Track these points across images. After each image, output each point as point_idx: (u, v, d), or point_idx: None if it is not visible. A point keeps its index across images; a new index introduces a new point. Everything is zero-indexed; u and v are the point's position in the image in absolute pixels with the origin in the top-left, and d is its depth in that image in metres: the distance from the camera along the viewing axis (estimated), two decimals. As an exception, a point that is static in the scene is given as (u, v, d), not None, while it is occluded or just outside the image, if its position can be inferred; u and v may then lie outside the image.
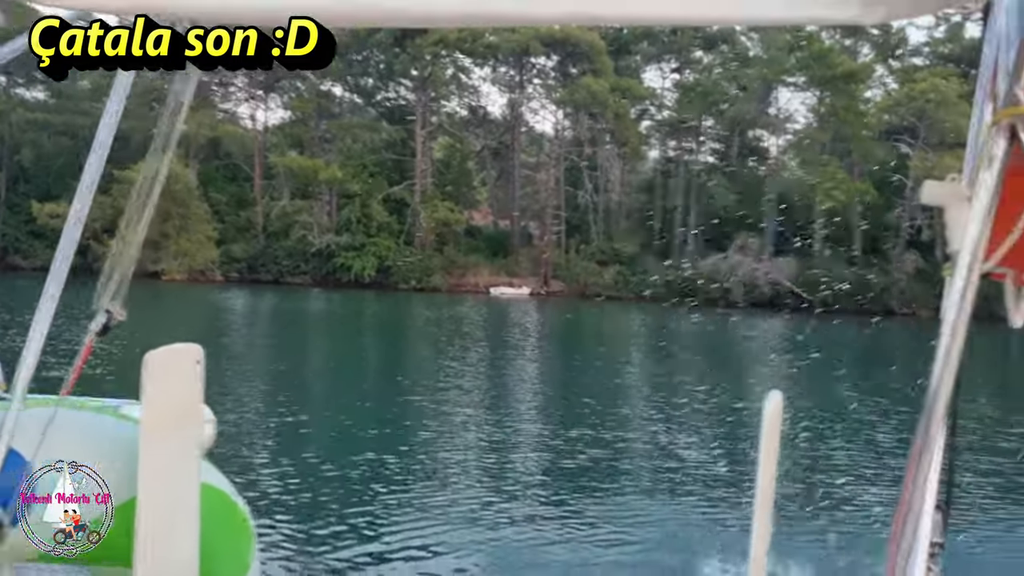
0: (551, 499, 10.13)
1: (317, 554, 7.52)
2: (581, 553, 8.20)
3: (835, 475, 11.73)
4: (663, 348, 31.75)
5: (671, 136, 68.28)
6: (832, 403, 18.92)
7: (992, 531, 9.07)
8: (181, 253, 54.93)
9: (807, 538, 8.47)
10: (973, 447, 13.82)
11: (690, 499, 10.48)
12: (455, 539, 8.17)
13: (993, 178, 1.02)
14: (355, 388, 18.36)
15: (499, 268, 61.96)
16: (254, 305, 40.30)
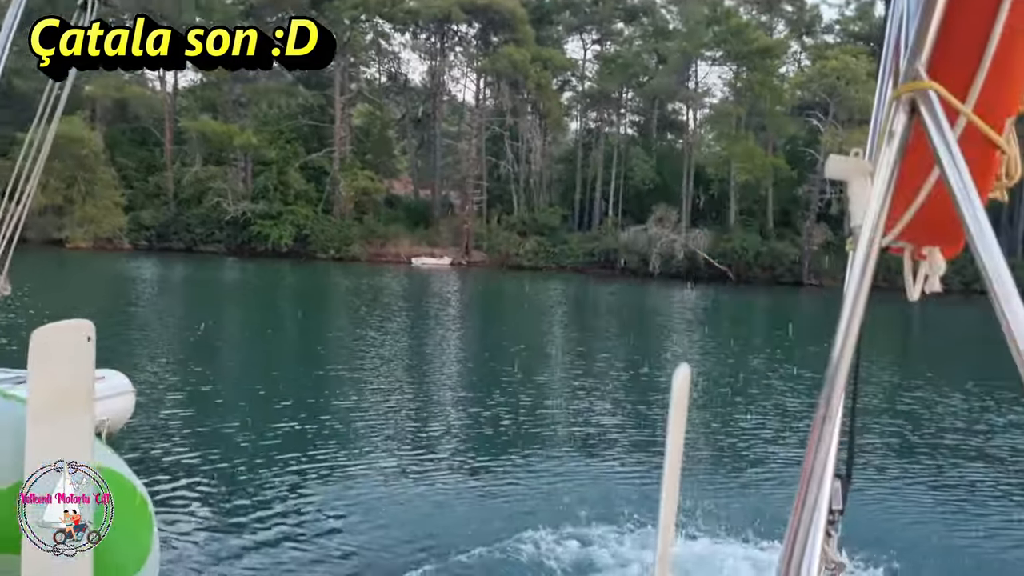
0: (469, 462, 10.17)
1: (231, 526, 7.33)
2: (498, 511, 8.26)
3: (744, 439, 12.09)
4: (581, 317, 32.15)
5: (592, 107, 68.74)
6: (742, 369, 19.49)
7: (890, 491, 9.50)
8: (86, 220, 52.63)
9: (715, 502, 8.73)
10: (874, 411, 14.47)
11: (602, 459, 10.67)
12: (373, 504, 8.11)
13: (893, 153, 1.03)
14: (271, 358, 18.00)
15: (420, 238, 61.55)
16: (165, 274, 38.99)
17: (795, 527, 0.95)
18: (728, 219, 59.56)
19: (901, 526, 8.30)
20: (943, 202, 1.01)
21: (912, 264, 1.40)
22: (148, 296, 29.26)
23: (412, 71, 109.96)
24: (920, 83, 1.01)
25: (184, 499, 7.94)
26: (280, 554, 6.86)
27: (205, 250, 56.05)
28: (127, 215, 55.31)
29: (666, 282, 51.62)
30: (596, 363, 19.28)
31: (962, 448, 12.42)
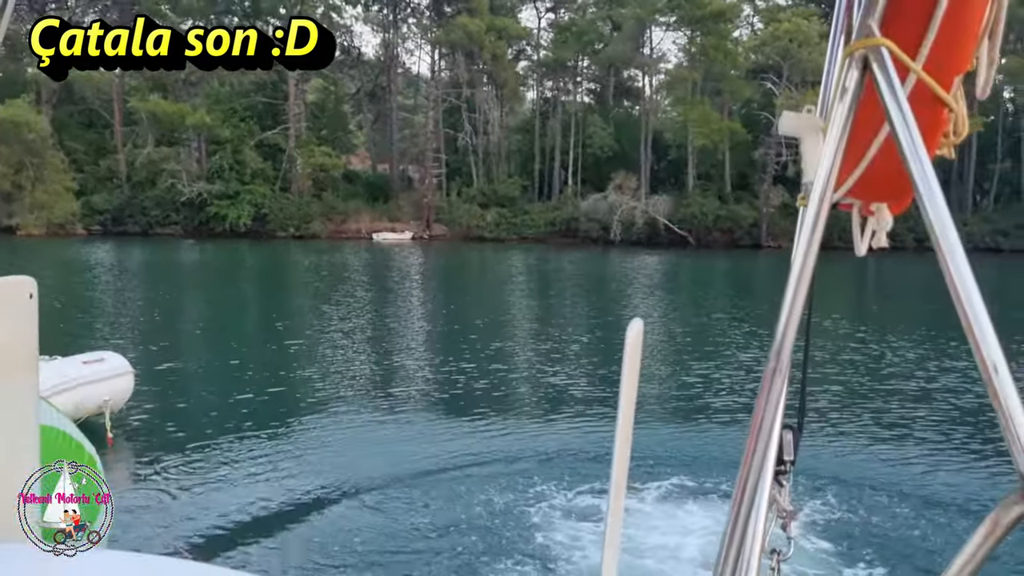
0: (432, 425, 10.33)
1: (194, 495, 7.40)
2: (463, 470, 8.44)
3: (699, 393, 12.39)
4: (544, 286, 32.36)
5: (548, 76, 68.51)
6: (701, 328, 19.87)
7: (838, 440, 9.83)
8: (37, 206, 51.43)
9: (669, 454, 9.00)
10: (823, 361, 14.90)
11: (564, 417, 10.91)
12: (339, 467, 8.22)
13: (845, 109, 1.04)
14: (233, 335, 17.92)
15: (380, 213, 61.17)
16: (121, 258, 38.36)
17: (744, 477, 0.96)
18: (687, 184, 60.02)
19: (848, 469, 8.62)
20: (892, 159, 1.02)
21: (860, 220, 1.45)
22: (107, 281, 28.85)
23: (365, 44, 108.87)
24: (872, 40, 1.02)
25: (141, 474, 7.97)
26: (255, 512, 6.96)
27: (162, 233, 55.19)
28: (79, 200, 54.15)
29: (627, 249, 52.01)
30: (557, 328, 19.51)
31: (904, 391, 12.90)
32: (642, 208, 56.95)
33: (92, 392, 8.69)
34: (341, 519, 7.00)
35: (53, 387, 8.52)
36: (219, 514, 7.03)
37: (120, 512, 7.10)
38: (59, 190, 52.61)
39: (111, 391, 8.79)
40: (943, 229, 0.88)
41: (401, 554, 6.38)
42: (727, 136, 57.27)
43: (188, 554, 6.03)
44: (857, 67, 1.04)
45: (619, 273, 37.39)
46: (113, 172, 57.73)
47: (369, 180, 66.77)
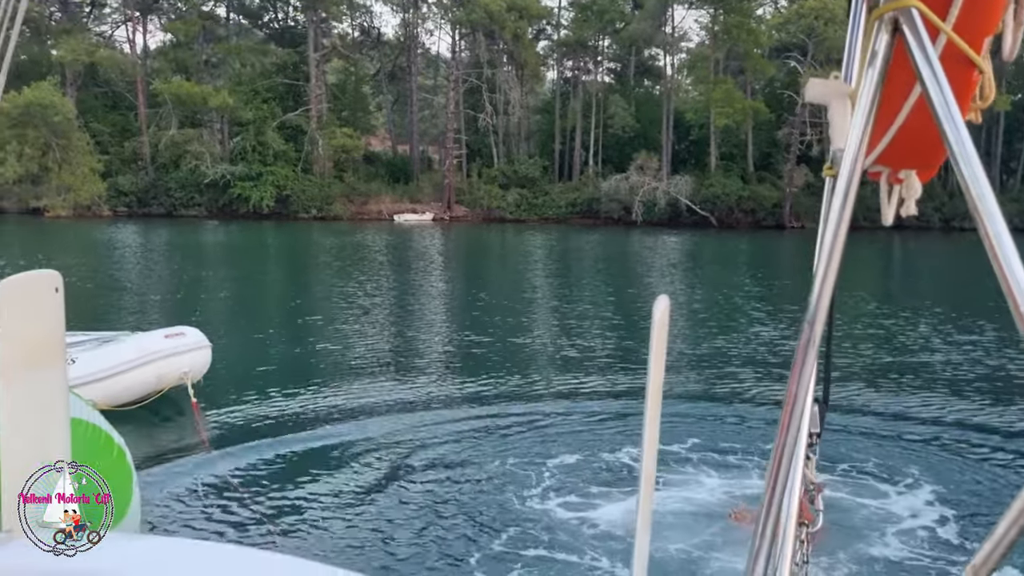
0: (456, 394, 10.50)
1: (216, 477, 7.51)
2: (489, 436, 8.60)
3: (729, 371, 12.44)
4: (565, 266, 32.40)
5: (568, 56, 68.11)
6: (724, 306, 19.86)
7: (864, 415, 9.86)
8: (64, 188, 51.97)
9: (702, 427, 9.10)
10: (850, 337, 14.91)
11: (588, 389, 11.06)
12: (397, 445, 8.36)
13: (876, 73, 1.03)
14: (259, 312, 18.15)
15: (401, 194, 61.31)
16: (148, 239, 38.77)
17: (780, 449, 0.96)
18: (709, 164, 59.65)
19: (874, 444, 8.67)
20: (922, 123, 1.02)
21: (888, 188, 1.43)
22: (133, 260, 29.21)
23: (385, 24, 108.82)
24: (902, 1, 1.01)
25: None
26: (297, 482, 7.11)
27: (186, 214, 55.63)
28: (105, 182, 54.67)
29: (649, 230, 51.85)
30: (580, 306, 19.57)
31: (929, 367, 12.91)
32: (664, 189, 56.71)
33: (173, 364, 9.02)
34: (399, 498, 7.12)
35: (136, 359, 8.84)
36: (279, 491, 7.18)
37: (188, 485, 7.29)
38: (85, 172, 53.12)
39: (190, 363, 9.17)
40: (980, 193, 0.85)
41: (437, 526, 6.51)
42: (750, 115, 56.82)
43: (274, 538, 6.16)
44: (887, 30, 1.03)
45: (641, 253, 37.34)
46: (138, 154, 58.21)
47: (389, 161, 66.89)
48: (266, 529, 6.28)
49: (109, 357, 8.83)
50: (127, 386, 8.75)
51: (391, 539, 6.20)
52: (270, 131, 57.63)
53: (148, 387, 8.94)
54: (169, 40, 64.44)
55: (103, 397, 8.47)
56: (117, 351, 8.94)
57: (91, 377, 8.43)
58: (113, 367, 8.70)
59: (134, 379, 8.79)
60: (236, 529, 6.28)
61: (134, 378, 8.79)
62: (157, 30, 66.74)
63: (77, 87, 57.95)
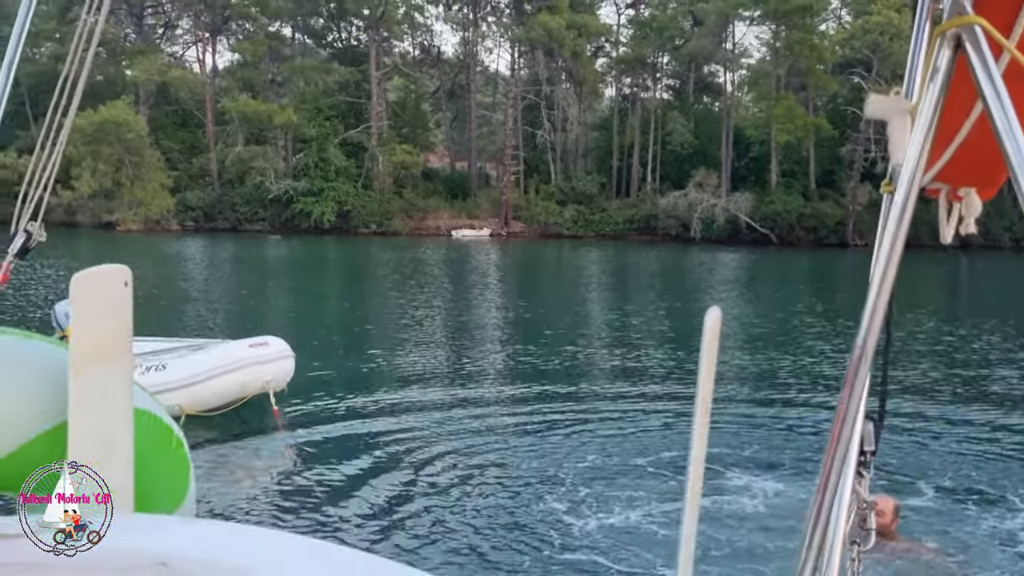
0: (518, 402, 10.61)
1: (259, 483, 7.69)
2: (542, 442, 8.68)
3: (781, 388, 12.27)
4: (622, 282, 32.29)
5: (627, 73, 68.07)
6: (783, 323, 19.57)
7: (920, 436, 9.64)
8: (136, 202, 53.81)
9: (754, 444, 9.04)
10: (911, 354, 14.60)
11: (644, 401, 11.07)
12: (467, 456, 8.47)
13: (937, 90, 1.02)
14: (325, 323, 18.51)
15: (459, 210, 61.85)
16: (214, 252, 39.90)
17: (828, 465, 0.96)
18: (769, 181, 58.85)
19: (930, 464, 8.47)
20: (983, 141, 1.01)
21: (947, 206, 1.41)
22: (206, 272, 30.10)
23: (444, 43, 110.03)
24: (966, 18, 1.00)
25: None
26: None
27: (250, 229, 56.98)
28: (174, 196, 56.42)
29: (708, 247, 51.35)
30: (637, 320, 19.52)
31: (994, 391, 12.52)
32: (723, 205, 56.12)
33: (256, 372, 9.32)
34: (460, 503, 7.23)
35: (220, 367, 9.19)
36: (352, 493, 7.35)
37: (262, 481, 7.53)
38: (156, 187, 54.89)
39: (273, 372, 9.47)
40: None
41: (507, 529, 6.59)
42: (812, 132, 55.94)
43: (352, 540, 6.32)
44: (949, 46, 1.02)
45: (700, 270, 37.02)
46: (205, 170, 59.93)
47: (447, 178, 67.60)
48: (334, 527, 6.44)
49: (196, 364, 9.22)
50: (212, 392, 9.09)
51: (451, 539, 6.30)
52: (332, 148, 58.80)
53: (232, 394, 9.26)
54: (237, 60, 66.40)
55: (189, 402, 8.88)
56: (204, 358, 9.32)
57: (179, 383, 8.85)
58: (199, 374, 9.06)
59: (218, 386, 9.12)
60: (311, 525, 6.45)
61: (218, 385, 9.12)
62: (225, 50, 68.79)
63: (149, 105, 60.00)
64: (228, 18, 65.31)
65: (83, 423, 2.37)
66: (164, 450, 2.84)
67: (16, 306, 18.19)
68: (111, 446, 2.43)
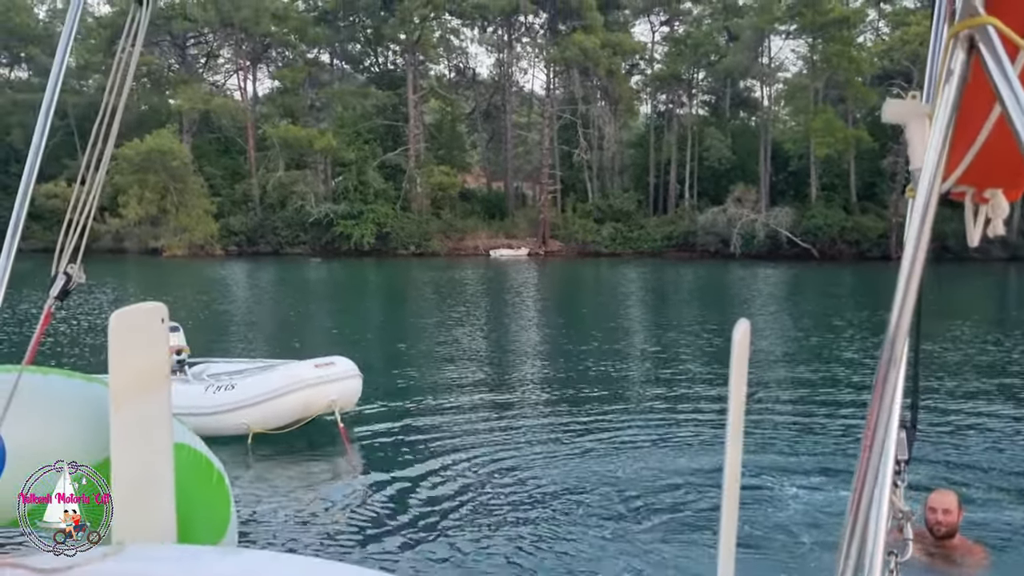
0: (560, 415, 10.67)
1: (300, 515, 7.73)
2: (582, 459, 8.70)
3: (817, 400, 12.14)
4: (665, 298, 32.12)
5: (662, 90, 68.04)
6: (826, 338, 19.31)
7: (953, 442, 9.48)
8: (180, 228, 54.98)
9: (786, 454, 8.99)
10: (940, 365, 14.37)
11: (683, 414, 11.08)
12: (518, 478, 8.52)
13: (952, 92, 1.01)
14: (373, 343, 18.69)
15: (496, 230, 62.13)
16: (258, 276, 40.54)
17: (861, 475, 0.95)
18: (809, 195, 58.23)
19: (966, 471, 8.32)
20: (1005, 141, 1.00)
21: (973, 208, 1.39)
22: (252, 295, 30.59)
23: (480, 64, 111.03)
24: (978, 18, 0.99)
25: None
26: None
27: (292, 252, 57.82)
28: (217, 222, 57.51)
29: (748, 262, 50.88)
30: (677, 336, 19.42)
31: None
32: (763, 221, 55.62)
33: (321, 392, 9.42)
34: (502, 527, 7.26)
35: (285, 387, 9.33)
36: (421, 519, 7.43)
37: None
38: (200, 213, 56.03)
39: (338, 392, 9.59)
40: None
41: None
42: (852, 145, 55.31)
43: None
44: (963, 47, 1.01)
45: (741, 286, 36.69)
46: (247, 195, 61.02)
47: (484, 198, 68.00)
48: (387, 554, 6.49)
49: (263, 384, 9.39)
50: (277, 411, 9.24)
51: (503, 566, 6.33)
52: (371, 170, 59.53)
53: (296, 413, 9.37)
54: (277, 87, 67.68)
55: (256, 420, 9.07)
56: (270, 378, 9.48)
57: (245, 402, 9.09)
58: (265, 393, 9.23)
59: (282, 405, 9.25)
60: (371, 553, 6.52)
61: (282, 404, 9.25)
62: (266, 78, 70.17)
63: (192, 133, 61.38)
64: (268, 46, 66.65)
65: (125, 459, 2.40)
66: (205, 484, 2.89)
67: (63, 334, 18.64)
68: (153, 481, 2.48)
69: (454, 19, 65.95)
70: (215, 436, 7.19)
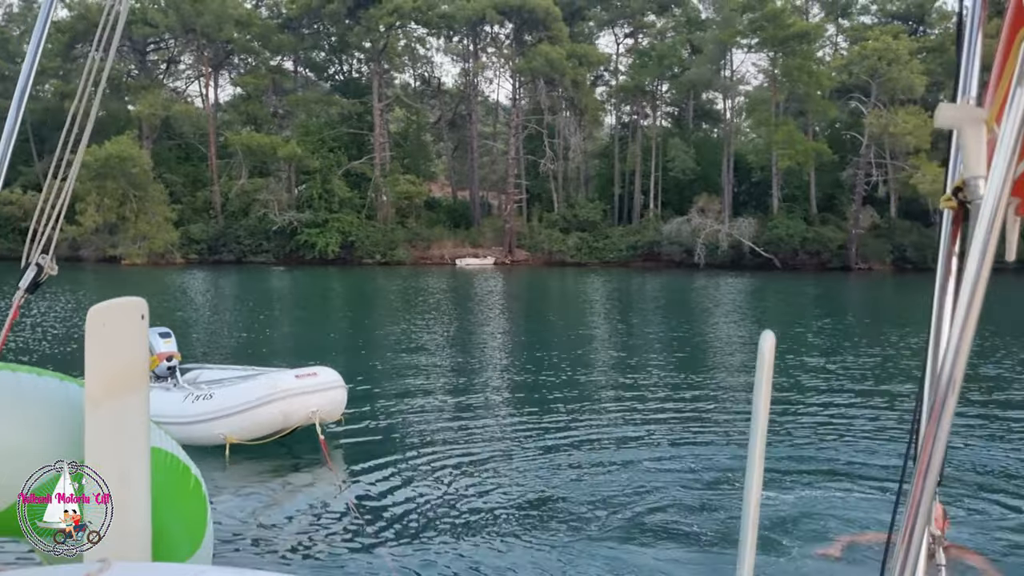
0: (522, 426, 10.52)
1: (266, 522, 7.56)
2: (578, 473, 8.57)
3: (785, 405, 12.21)
4: (629, 308, 32.25)
5: (626, 101, 68.63)
6: (791, 348, 19.52)
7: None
8: (140, 236, 53.96)
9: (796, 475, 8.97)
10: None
11: (646, 423, 11.07)
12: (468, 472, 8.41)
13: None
14: (337, 352, 18.46)
15: (463, 239, 62.05)
16: (220, 285, 39.92)
17: (915, 502, 0.90)
18: (771, 206, 59.11)
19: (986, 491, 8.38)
20: None
21: (1016, 219, 1.33)
22: (211, 304, 30.05)
23: (445, 74, 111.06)
24: None
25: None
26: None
27: (255, 261, 57.09)
28: (178, 230, 56.59)
29: (712, 272, 51.39)
30: (643, 346, 19.47)
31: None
32: (726, 231, 56.27)
33: (301, 403, 9.17)
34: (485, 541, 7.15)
35: (264, 397, 9.06)
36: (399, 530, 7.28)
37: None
38: (160, 221, 55.07)
39: (320, 402, 9.35)
40: None
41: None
42: (813, 157, 56.27)
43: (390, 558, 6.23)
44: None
45: (705, 296, 36.99)
46: (209, 203, 60.19)
47: (450, 207, 67.91)
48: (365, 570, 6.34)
49: (240, 394, 9.13)
50: (255, 422, 9.00)
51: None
52: (336, 179, 59.11)
53: (275, 424, 9.13)
54: (239, 93, 66.91)
55: (233, 431, 8.82)
56: (249, 388, 9.21)
57: (222, 412, 8.87)
58: (242, 404, 8.99)
59: (261, 416, 9.01)
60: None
61: (261, 415, 9.01)
62: (228, 84, 69.35)
63: (153, 140, 60.41)
64: (230, 52, 65.92)
65: (100, 463, 2.28)
66: (182, 491, 2.76)
67: (27, 341, 18.16)
68: (128, 487, 2.34)
69: (420, 28, 65.89)
70: (192, 446, 6.98)
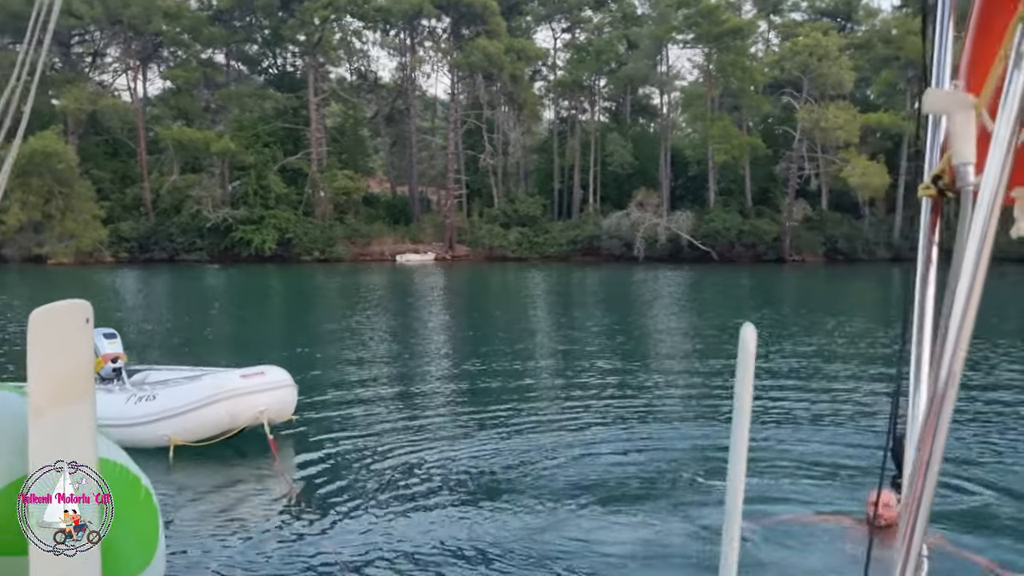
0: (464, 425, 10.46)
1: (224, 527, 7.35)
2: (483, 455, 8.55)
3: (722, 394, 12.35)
4: (568, 303, 32.39)
5: (564, 96, 68.92)
6: (728, 339, 19.81)
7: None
8: (66, 235, 52.09)
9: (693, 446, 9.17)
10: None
11: (587, 413, 11.13)
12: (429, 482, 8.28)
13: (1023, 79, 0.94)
14: (277, 352, 18.05)
15: (403, 235, 61.59)
16: (153, 283, 38.78)
17: (916, 500, 0.88)
18: (708, 200, 60.08)
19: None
20: None
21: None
22: (141, 305, 29.16)
23: (382, 68, 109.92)
24: None
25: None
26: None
27: (188, 259, 55.68)
28: (106, 228, 54.81)
29: (651, 265, 51.99)
30: (585, 340, 19.56)
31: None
32: (664, 225, 57.00)
33: (247, 403, 8.94)
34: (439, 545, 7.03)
35: (208, 397, 8.80)
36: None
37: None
38: (87, 219, 53.25)
39: (267, 402, 9.10)
40: None
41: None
42: (747, 151, 57.34)
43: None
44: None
45: (644, 289, 37.39)
46: (139, 200, 58.44)
47: (389, 203, 67.30)
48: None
49: (184, 394, 8.89)
50: (200, 423, 8.76)
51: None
52: (271, 175, 58.00)
53: (223, 424, 8.89)
54: (169, 87, 65.12)
55: (177, 432, 8.60)
56: (192, 388, 8.98)
57: (167, 413, 8.63)
58: (187, 404, 8.75)
59: (207, 416, 8.77)
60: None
61: (207, 415, 8.77)
62: (157, 78, 67.41)
63: (79, 135, 58.36)
64: (159, 45, 64.09)
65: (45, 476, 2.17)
66: (132, 503, 2.64)
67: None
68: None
69: (356, 21, 64.97)
70: (135, 449, 6.70)
